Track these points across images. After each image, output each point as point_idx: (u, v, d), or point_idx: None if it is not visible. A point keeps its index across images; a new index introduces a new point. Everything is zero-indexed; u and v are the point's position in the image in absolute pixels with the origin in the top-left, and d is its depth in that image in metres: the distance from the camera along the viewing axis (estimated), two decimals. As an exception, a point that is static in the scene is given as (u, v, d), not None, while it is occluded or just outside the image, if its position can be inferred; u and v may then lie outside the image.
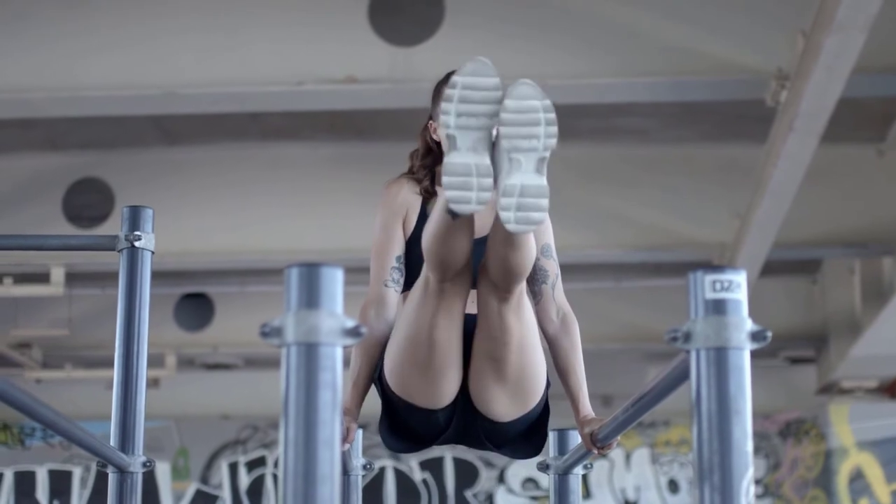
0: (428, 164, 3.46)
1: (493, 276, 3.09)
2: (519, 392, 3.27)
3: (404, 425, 3.37)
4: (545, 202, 2.80)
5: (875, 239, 9.32)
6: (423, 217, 3.40)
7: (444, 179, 2.82)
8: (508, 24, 6.78)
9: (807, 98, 6.23)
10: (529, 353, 3.22)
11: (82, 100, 7.09)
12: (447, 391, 3.26)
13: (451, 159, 2.81)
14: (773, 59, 6.68)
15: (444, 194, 2.84)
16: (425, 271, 3.12)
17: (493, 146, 2.85)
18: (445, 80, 3.37)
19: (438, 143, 3.41)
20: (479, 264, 3.22)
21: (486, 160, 2.81)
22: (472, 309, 3.26)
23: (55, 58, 6.93)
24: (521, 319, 3.16)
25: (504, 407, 3.30)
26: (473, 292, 3.27)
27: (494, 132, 2.85)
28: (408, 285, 3.39)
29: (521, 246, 3.02)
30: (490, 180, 2.81)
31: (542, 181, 2.81)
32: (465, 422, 3.35)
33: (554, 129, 2.81)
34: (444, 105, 2.84)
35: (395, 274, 3.38)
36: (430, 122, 3.44)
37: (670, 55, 6.78)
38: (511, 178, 2.79)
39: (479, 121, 2.82)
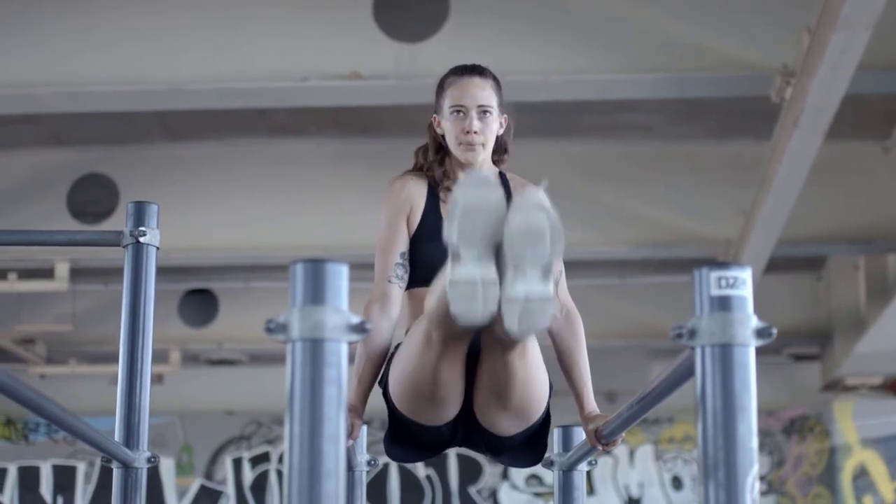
0: (438, 159, 3.47)
1: (498, 334, 3.08)
2: (522, 415, 3.29)
3: (409, 437, 3.39)
4: (550, 308, 2.79)
5: (880, 236, 9.31)
6: (427, 213, 3.41)
7: (450, 293, 2.80)
8: (513, 19, 6.78)
9: (812, 95, 6.22)
10: (532, 387, 3.22)
11: (87, 95, 7.09)
12: (450, 413, 3.29)
13: (455, 273, 2.79)
14: (778, 56, 6.68)
15: (450, 306, 2.81)
16: (428, 325, 3.10)
17: (498, 251, 2.82)
18: (449, 76, 3.39)
19: (439, 143, 3.43)
20: None
21: (492, 272, 2.79)
22: None
23: (60, 53, 6.93)
24: (526, 363, 3.16)
25: (507, 425, 3.32)
26: None
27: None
28: (412, 281, 3.40)
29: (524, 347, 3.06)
30: (496, 291, 2.79)
31: (548, 289, 2.79)
32: (469, 432, 3.37)
33: (561, 243, 2.79)
34: (446, 221, 2.82)
35: (399, 270, 3.38)
36: (435, 116, 3.45)
37: (675, 51, 6.78)
38: (515, 286, 2.78)
39: (484, 234, 2.79)
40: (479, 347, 3.20)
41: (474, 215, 2.79)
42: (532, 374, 3.19)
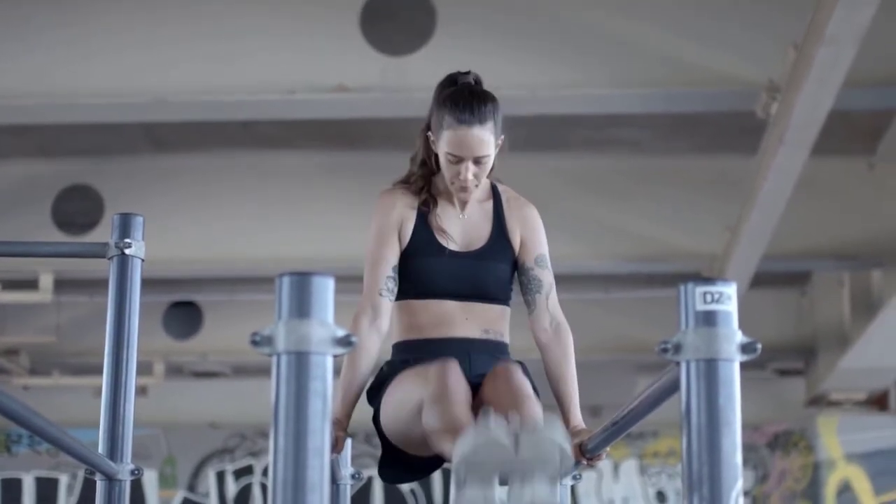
0: (425, 173, 3.46)
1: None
2: None
3: (401, 461, 3.40)
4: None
5: (864, 252, 9.34)
6: (418, 226, 3.41)
7: None
8: (501, 33, 6.79)
9: (798, 110, 6.24)
10: (536, 402, 3.22)
11: (73, 107, 7.08)
12: None
13: (460, 499, 2.79)
14: (764, 71, 6.70)
15: None
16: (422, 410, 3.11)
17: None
18: (448, 111, 3.33)
19: (436, 155, 3.41)
20: (463, 276, 3.26)
21: (496, 499, 2.79)
22: (467, 331, 3.29)
23: (46, 65, 6.92)
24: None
25: None
26: (466, 305, 3.30)
27: None
28: (402, 294, 3.40)
29: None
30: None
31: (555, 494, 2.80)
32: None
33: (570, 463, 2.81)
34: (455, 459, 2.80)
35: (389, 283, 3.38)
36: (430, 132, 3.41)
37: (662, 67, 6.80)
38: (524, 490, 2.77)
39: (491, 470, 2.78)
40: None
41: (482, 459, 2.77)
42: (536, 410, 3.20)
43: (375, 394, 3.39)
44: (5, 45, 6.90)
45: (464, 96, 3.33)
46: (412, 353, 3.37)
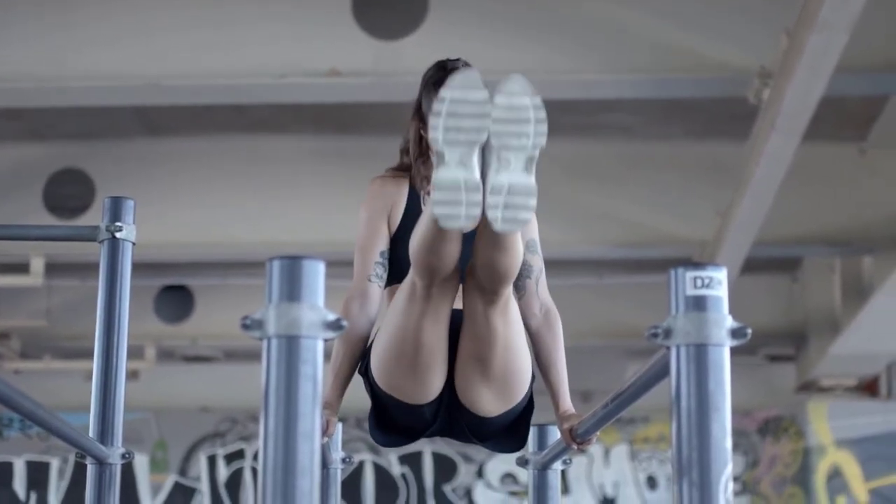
0: (422, 159, 3.45)
1: (480, 278, 3.10)
2: (504, 389, 3.28)
3: (392, 420, 3.39)
4: (533, 201, 2.79)
5: (856, 238, 9.35)
6: (408, 212, 3.41)
7: (433, 195, 2.81)
8: (493, 18, 6.78)
9: (789, 96, 6.24)
10: (515, 353, 3.22)
11: (66, 90, 7.06)
12: (433, 388, 3.27)
13: (439, 175, 2.79)
14: (756, 57, 6.70)
15: (432, 209, 2.83)
16: (412, 275, 3.13)
17: (482, 153, 2.83)
18: (434, 70, 3.35)
19: (426, 141, 3.40)
20: (466, 263, 3.24)
21: (476, 175, 2.79)
22: (459, 304, 3.28)
23: (39, 48, 6.91)
24: (508, 321, 3.17)
25: (489, 403, 3.31)
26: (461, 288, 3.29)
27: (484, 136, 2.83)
28: (391, 280, 3.40)
29: (508, 248, 3.02)
30: (479, 196, 2.79)
31: (531, 180, 2.80)
32: (451, 416, 3.36)
33: (544, 128, 2.81)
34: (431, 120, 2.81)
35: (378, 269, 3.39)
36: (420, 118, 3.40)
37: (655, 52, 6.79)
38: (499, 176, 2.78)
39: (468, 135, 2.79)
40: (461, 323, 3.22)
41: (459, 116, 2.79)
42: (513, 339, 3.21)
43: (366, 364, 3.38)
44: (-3, 29, 6.88)
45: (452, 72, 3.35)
46: None
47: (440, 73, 3.37)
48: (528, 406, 3.38)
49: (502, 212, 2.79)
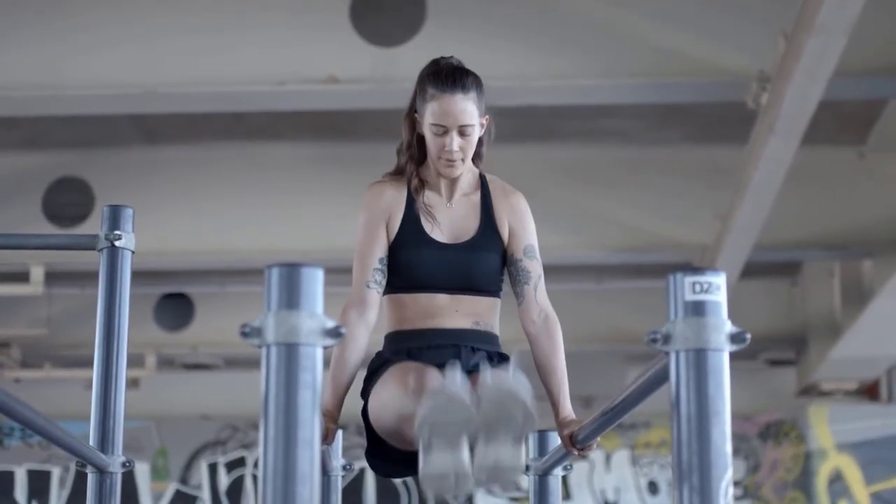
0: (415, 155, 3.45)
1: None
2: None
3: (388, 455, 3.40)
4: (518, 475, 2.87)
5: (855, 241, 9.35)
6: (406, 217, 3.41)
7: (422, 482, 2.87)
8: (491, 24, 6.78)
9: (788, 100, 6.24)
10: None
11: (64, 98, 7.06)
12: None
13: (428, 466, 2.85)
14: (755, 62, 6.70)
15: (422, 487, 2.90)
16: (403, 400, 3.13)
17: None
18: (431, 83, 3.35)
19: (421, 138, 3.41)
20: (453, 268, 3.26)
21: (465, 462, 2.84)
22: (457, 322, 3.29)
23: (37, 56, 6.91)
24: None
25: None
26: (456, 298, 3.30)
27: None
28: (391, 287, 3.41)
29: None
30: (469, 482, 2.85)
31: (519, 455, 2.85)
32: None
33: (533, 420, 2.85)
34: (418, 419, 2.86)
35: (377, 276, 3.38)
36: (415, 114, 3.42)
37: (652, 57, 6.79)
38: (487, 453, 2.84)
39: (456, 430, 2.84)
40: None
41: (445, 422, 2.83)
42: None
43: (365, 387, 3.39)
44: (-5, 38, 6.88)
45: (446, 69, 3.37)
46: (402, 342, 3.37)
47: (433, 68, 3.39)
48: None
49: (487, 480, 2.85)
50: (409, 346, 3.35)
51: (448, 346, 3.33)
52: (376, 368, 3.37)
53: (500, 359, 3.38)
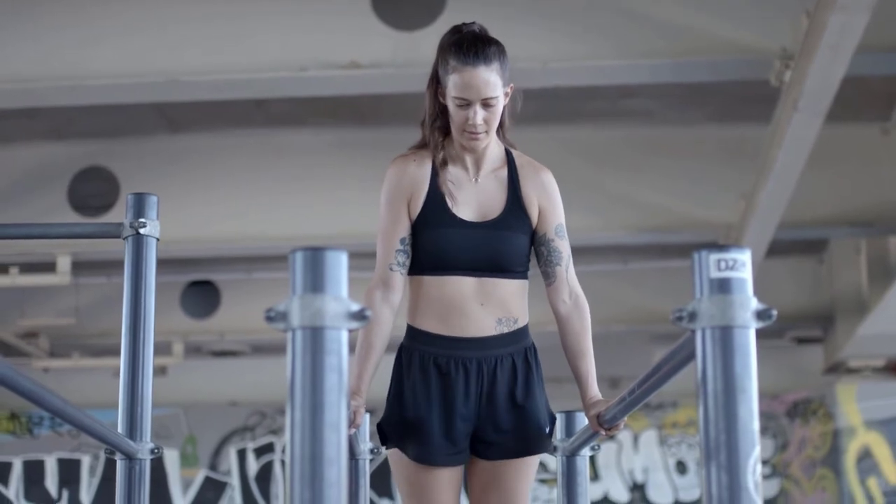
0: (439, 125, 3.40)
1: None
2: None
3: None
4: None
5: (881, 218, 9.30)
6: (430, 196, 3.35)
7: None
8: (511, 6, 6.76)
9: (811, 77, 6.21)
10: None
11: (86, 89, 7.08)
12: None
13: None
14: (777, 39, 6.66)
15: None
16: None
17: None
18: (453, 55, 3.31)
19: (445, 108, 3.36)
20: (479, 248, 3.25)
21: None
22: (480, 323, 3.33)
23: (59, 47, 6.93)
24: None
25: None
26: (482, 283, 3.31)
27: None
28: (415, 268, 3.36)
29: None
30: None
31: None
32: None
33: None
34: None
35: (400, 257, 3.35)
36: (438, 84, 3.37)
37: (673, 36, 6.77)
38: None
39: None
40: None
41: None
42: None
43: (390, 421, 3.45)
44: (17, 29, 6.90)
45: (468, 39, 3.31)
46: (426, 345, 3.34)
47: (454, 36, 3.33)
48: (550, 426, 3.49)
49: None
50: (434, 353, 3.33)
51: (472, 362, 3.32)
52: (401, 386, 3.40)
53: (524, 384, 3.37)
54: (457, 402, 3.29)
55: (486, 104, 3.28)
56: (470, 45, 3.29)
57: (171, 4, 6.91)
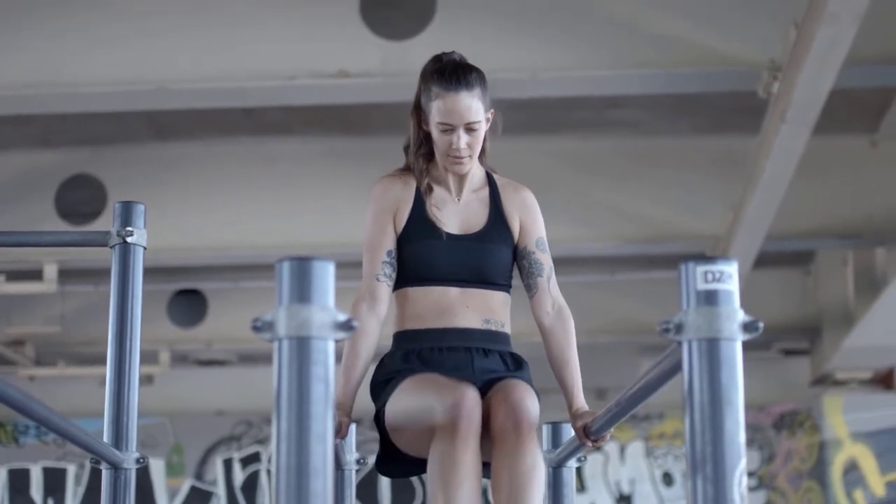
0: (423, 152, 3.46)
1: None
2: None
3: (402, 458, 3.41)
4: None
5: (868, 230, 9.32)
6: (415, 211, 3.41)
7: None
8: (500, 16, 6.77)
9: (799, 89, 6.23)
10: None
11: (75, 96, 7.07)
12: None
13: None
14: (765, 51, 6.68)
15: None
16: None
17: None
18: (435, 82, 3.36)
19: (429, 134, 3.42)
20: (463, 259, 3.26)
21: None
22: (467, 320, 3.30)
23: (48, 54, 6.92)
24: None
25: None
26: (466, 292, 3.31)
27: None
28: (400, 281, 3.40)
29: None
30: None
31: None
32: None
33: None
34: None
35: (386, 269, 3.39)
36: (420, 111, 3.43)
37: (663, 47, 6.78)
38: None
39: None
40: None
41: None
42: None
43: (380, 391, 3.39)
44: (6, 36, 6.89)
45: (449, 67, 3.38)
46: (413, 342, 3.37)
47: (436, 65, 3.40)
48: None
49: None
50: (419, 348, 3.35)
51: (460, 349, 3.33)
52: (389, 374, 3.37)
53: (513, 361, 3.38)
54: (446, 368, 3.29)
55: (469, 129, 3.35)
56: (452, 71, 3.37)
57: (160, 13, 6.90)
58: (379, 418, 3.37)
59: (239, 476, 14.45)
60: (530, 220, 3.46)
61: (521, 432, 3.14)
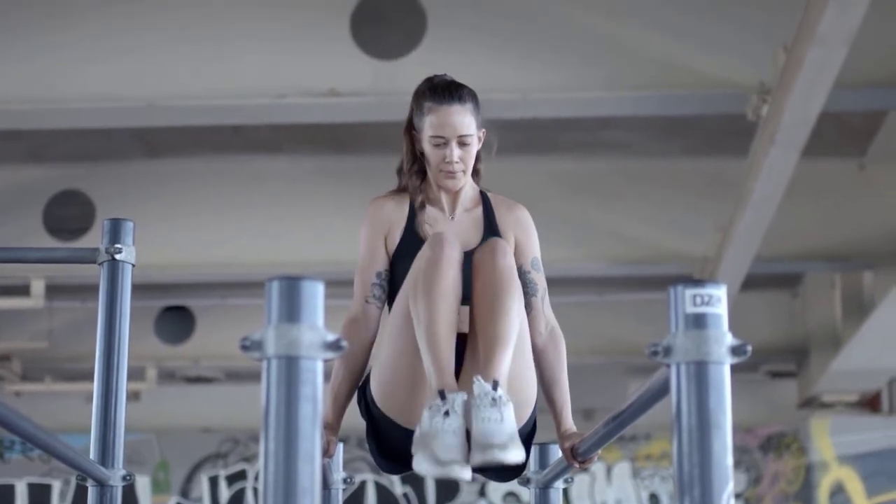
0: (416, 171, 3.45)
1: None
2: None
3: (392, 446, 3.35)
4: (514, 455, 2.88)
5: (856, 253, 9.34)
6: (407, 231, 3.40)
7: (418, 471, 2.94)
8: (492, 36, 6.79)
9: (788, 112, 6.25)
10: (521, 379, 3.20)
11: (65, 112, 7.07)
12: None
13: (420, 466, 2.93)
14: (755, 73, 6.70)
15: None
16: (409, 303, 3.12)
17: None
18: (427, 97, 3.37)
19: (422, 154, 3.42)
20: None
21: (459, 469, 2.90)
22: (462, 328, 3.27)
23: (38, 70, 6.91)
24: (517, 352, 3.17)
25: None
26: (462, 311, 3.28)
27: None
28: (391, 300, 3.39)
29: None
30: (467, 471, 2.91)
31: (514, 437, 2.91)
32: None
33: (524, 458, 2.96)
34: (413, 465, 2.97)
35: (376, 290, 3.38)
36: (413, 131, 3.43)
37: (655, 69, 6.80)
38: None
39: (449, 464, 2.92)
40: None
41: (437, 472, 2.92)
42: (520, 357, 3.18)
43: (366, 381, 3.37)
44: (-4, 51, 6.89)
45: (442, 84, 3.40)
46: None
47: (428, 84, 3.41)
48: (531, 430, 3.36)
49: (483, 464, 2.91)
50: None
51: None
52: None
53: None
54: None
55: (462, 142, 3.34)
56: (444, 87, 3.38)
57: (150, 30, 6.90)
58: (365, 397, 3.34)
59: (225, 493, 14.40)
60: (526, 238, 3.45)
61: (495, 250, 3.17)
